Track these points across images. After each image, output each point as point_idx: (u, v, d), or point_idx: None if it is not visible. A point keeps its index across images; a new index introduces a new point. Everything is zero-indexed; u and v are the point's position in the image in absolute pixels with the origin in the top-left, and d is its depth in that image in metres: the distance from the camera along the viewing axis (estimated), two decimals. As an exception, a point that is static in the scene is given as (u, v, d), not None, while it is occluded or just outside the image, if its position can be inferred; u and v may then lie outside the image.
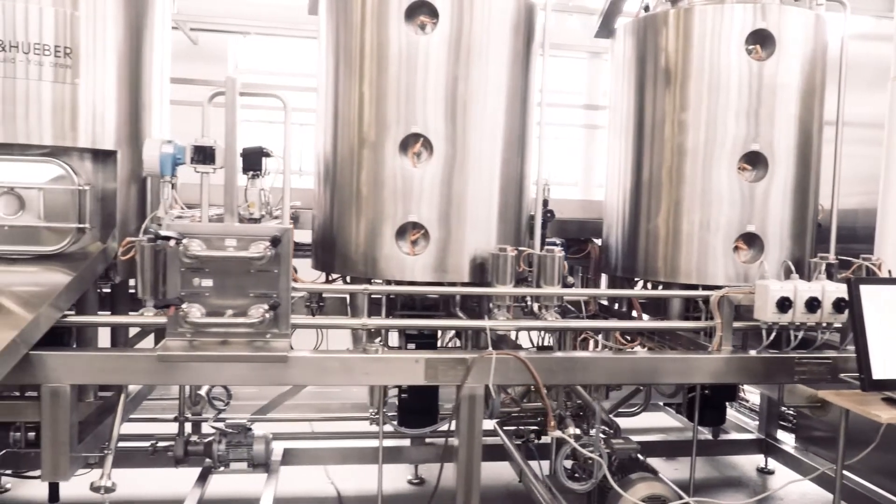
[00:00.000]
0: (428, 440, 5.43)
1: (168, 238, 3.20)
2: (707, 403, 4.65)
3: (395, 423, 4.55)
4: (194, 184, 3.90)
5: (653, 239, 4.50)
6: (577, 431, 3.79)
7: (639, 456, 4.05)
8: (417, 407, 4.30)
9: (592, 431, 3.95)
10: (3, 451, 4.63)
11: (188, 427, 4.84)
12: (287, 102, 3.60)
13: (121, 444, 4.37)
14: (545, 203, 4.54)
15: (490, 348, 3.59)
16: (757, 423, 6.08)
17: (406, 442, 5.45)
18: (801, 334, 3.86)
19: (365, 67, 4.04)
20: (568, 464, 4.17)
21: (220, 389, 5.01)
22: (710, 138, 4.29)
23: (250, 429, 4.74)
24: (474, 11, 3.99)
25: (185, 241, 3.27)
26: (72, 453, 3.31)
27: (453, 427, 4.70)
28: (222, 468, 4.75)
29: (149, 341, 4.76)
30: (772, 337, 3.85)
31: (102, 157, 3.95)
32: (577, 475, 4.33)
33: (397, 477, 5.56)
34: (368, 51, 4.03)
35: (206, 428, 4.98)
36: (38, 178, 3.76)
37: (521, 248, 3.99)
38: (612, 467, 3.91)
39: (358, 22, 4.07)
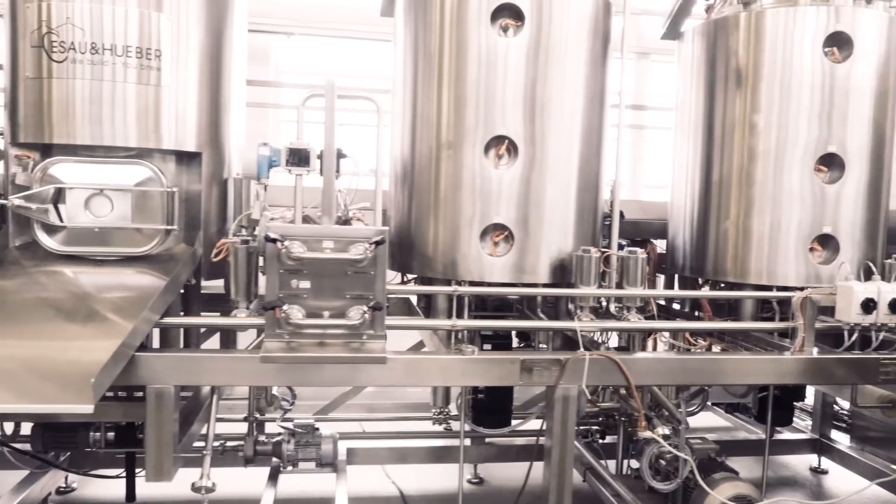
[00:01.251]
0: (487, 440, 5.46)
1: (275, 240, 3.22)
2: (776, 404, 4.67)
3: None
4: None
5: (723, 240, 4.53)
6: (667, 431, 3.81)
7: (717, 456, 4.07)
8: (494, 407, 4.32)
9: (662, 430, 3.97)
10: (66, 452, 4.70)
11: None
12: (380, 105, 3.62)
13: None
14: (614, 204, 4.57)
15: (582, 349, 3.61)
16: (807, 422, 6.10)
17: (466, 441, 5.47)
18: (882, 335, 3.89)
19: (448, 70, 4.06)
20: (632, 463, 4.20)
21: (285, 389, 5.02)
22: (783, 140, 4.31)
23: (318, 428, 4.76)
24: (557, 14, 4.01)
25: (286, 242, 3.29)
26: (174, 454, 3.33)
27: (528, 426, 4.76)
28: (290, 468, 4.76)
29: (213, 342, 4.79)
30: (854, 338, 3.88)
31: (186, 158, 3.96)
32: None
33: (456, 476, 5.56)
34: (452, 53, 4.04)
35: (267, 427, 4.99)
36: (126, 180, 3.78)
37: (603, 250, 4.01)
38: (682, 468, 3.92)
39: (440, 25, 4.09)
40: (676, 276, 5.17)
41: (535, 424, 4.98)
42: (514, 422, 4.64)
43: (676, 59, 4.96)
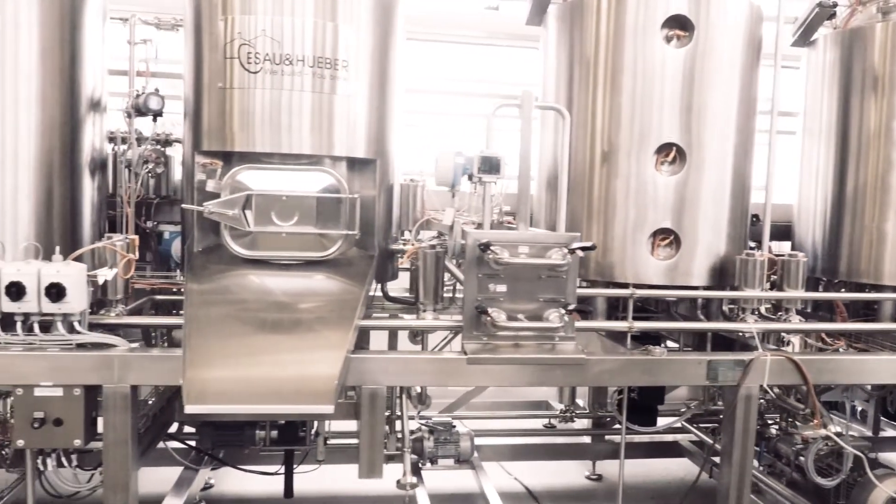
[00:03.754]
0: (607, 437, 5.61)
1: (489, 246, 3.34)
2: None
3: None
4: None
5: (857, 243, 4.66)
6: (839, 429, 3.95)
7: (868, 452, 4.20)
8: (645, 405, 4.45)
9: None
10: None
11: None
12: (566, 115, 3.74)
13: (332, 441, 4.57)
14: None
15: (760, 349, 3.75)
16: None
17: (586, 439, 5.62)
18: None
19: (610, 79, 4.19)
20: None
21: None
22: (922, 146, 4.45)
23: (454, 426, 4.87)
24: (718, 23, 4.14)
25: (492, 248, 3.41)
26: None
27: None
28: (429, 464, 4.89)
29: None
30: None
31: (359, 165, 4.07)
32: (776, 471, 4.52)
33: (573, 473, 5.69)
34: (616, 63, 4.17)
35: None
36: (310, 187, 3.89)
37: (761, 253, 4.15)
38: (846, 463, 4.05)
39: (603, 36, 4.21)
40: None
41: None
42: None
43: (805, 66, 5.09)
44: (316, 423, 4.48)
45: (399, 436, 4.79)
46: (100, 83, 4.19)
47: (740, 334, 4.09)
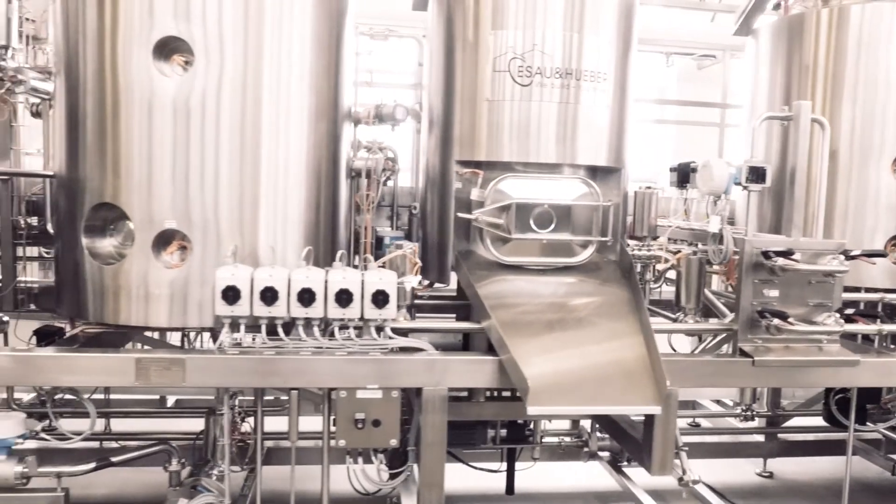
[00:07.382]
0: (780, 436, 5.75)
1: (788, 254, 3.49)
2: None
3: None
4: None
5: None
6: None
7: None
8: (863, 405, 4.59)
9: None
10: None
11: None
12: (826, 126, 3.88)
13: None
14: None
15: None
16: None
17: (760, 438, 5.76)
18: None
19: (834, 89, 4.35)
20: None
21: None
22: None
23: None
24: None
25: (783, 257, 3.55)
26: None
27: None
28: (625, 462, 5.05)
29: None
30: None
31: (600, 173, 4.19)
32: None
33: (738, 470, 5.80)
34: (841, 74, 4.33)
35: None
36: (562, 195, 4.02)
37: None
38: None
39: (824, 48, 4.38)
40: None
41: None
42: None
43: None
44: (533, 423, 4.64)
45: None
46: (351, 95, 4.33)
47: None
